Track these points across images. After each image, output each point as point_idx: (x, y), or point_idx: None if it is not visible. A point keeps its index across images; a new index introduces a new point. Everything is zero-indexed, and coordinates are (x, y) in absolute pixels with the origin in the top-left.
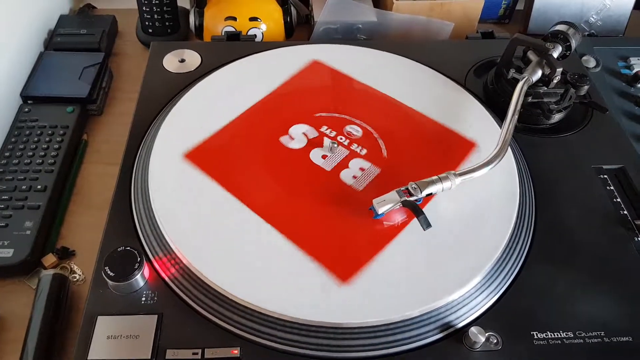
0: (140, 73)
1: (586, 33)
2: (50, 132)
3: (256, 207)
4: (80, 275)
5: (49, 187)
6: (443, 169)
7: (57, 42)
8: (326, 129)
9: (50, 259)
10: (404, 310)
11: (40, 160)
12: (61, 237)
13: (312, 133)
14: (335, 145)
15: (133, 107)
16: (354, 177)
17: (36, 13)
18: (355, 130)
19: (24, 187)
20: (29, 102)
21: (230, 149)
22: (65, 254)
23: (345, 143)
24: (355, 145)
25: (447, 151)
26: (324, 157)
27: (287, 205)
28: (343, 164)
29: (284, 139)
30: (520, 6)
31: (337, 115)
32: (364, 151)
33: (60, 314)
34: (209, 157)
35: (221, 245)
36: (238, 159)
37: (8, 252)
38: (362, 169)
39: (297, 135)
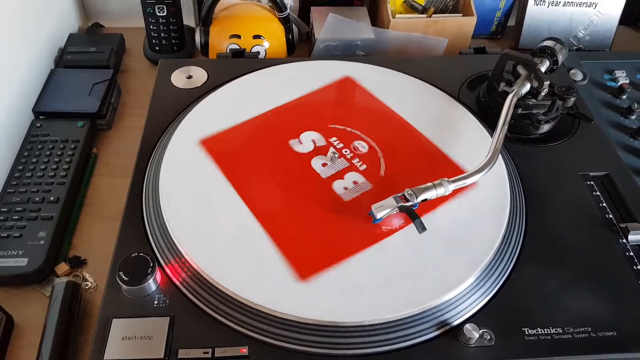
0: (147, 89)
1: (574, 48)
2: (61, 146)
3: (258, 211)
4: (92, 282)
5: (61, 199)
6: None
7: (67, 59)
8: (335, 140)
9: (63, 267)
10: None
11: (53, 173)
12: (73, 246)
13: (321, 141)
14: (336, 156)
15: (141, 122)
16: (345, 188)
17: (46, 32)
18: (362, 146)
19: (37, 198)
20: (40, 117)
21: (243, 146)
22: (77, 263)
23: (349, 156)
24: (357, 159)
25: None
26: (324, 165)
27: (283, 209)
28: (339, 175)
29: (293, 142)
30: (512, 22)
31: (348, 129)
32: (364, 167)
33: (74, 320)
34: (221, 148)
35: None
36: (248, 155)
37: (23, 261)
38: (355, 183)
39: (306, 141)
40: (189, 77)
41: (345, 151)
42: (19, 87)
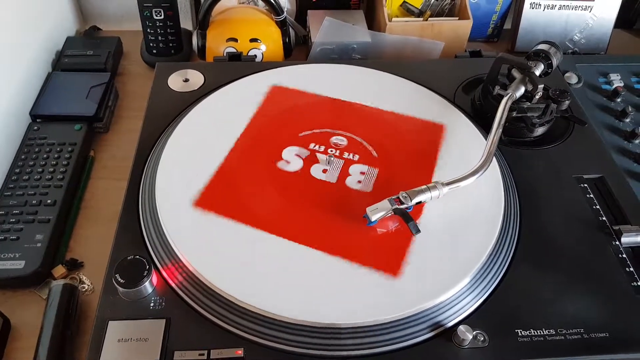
0: (144, 92)
1: (570, 51)
2: (58, 149)
3: (267, 226)
4: (88, 285)
5: (58, 202)
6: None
7: (64, 62)
8: (314, 146)
9: (59, 270)
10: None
11: (50, 176)
12: (70, 249)
13: (303, 153)
14: (332, 158)
15: (138, 125)
16: (359, 181)
17: (44, 35)
18: (340, 140)
19: (34, 201)
20: (38, 120)
21: (235, 182)
22: (74, 265)
23: (337, 154)
24: (346, 153)
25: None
26: (324, 171)
27: (298, 216)
28: (344, 173)
29: (281, 164)
30: (508, 25)
31: (318, 130)
32: (357, 157)
33: (70, 322)
34: (217, 198)
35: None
36: (244, 190)
37: (20, 264)
38: (362, 173)
39: (291, 158)
40: (186, 80)
41: (330, 150)
42: (16, 90)
